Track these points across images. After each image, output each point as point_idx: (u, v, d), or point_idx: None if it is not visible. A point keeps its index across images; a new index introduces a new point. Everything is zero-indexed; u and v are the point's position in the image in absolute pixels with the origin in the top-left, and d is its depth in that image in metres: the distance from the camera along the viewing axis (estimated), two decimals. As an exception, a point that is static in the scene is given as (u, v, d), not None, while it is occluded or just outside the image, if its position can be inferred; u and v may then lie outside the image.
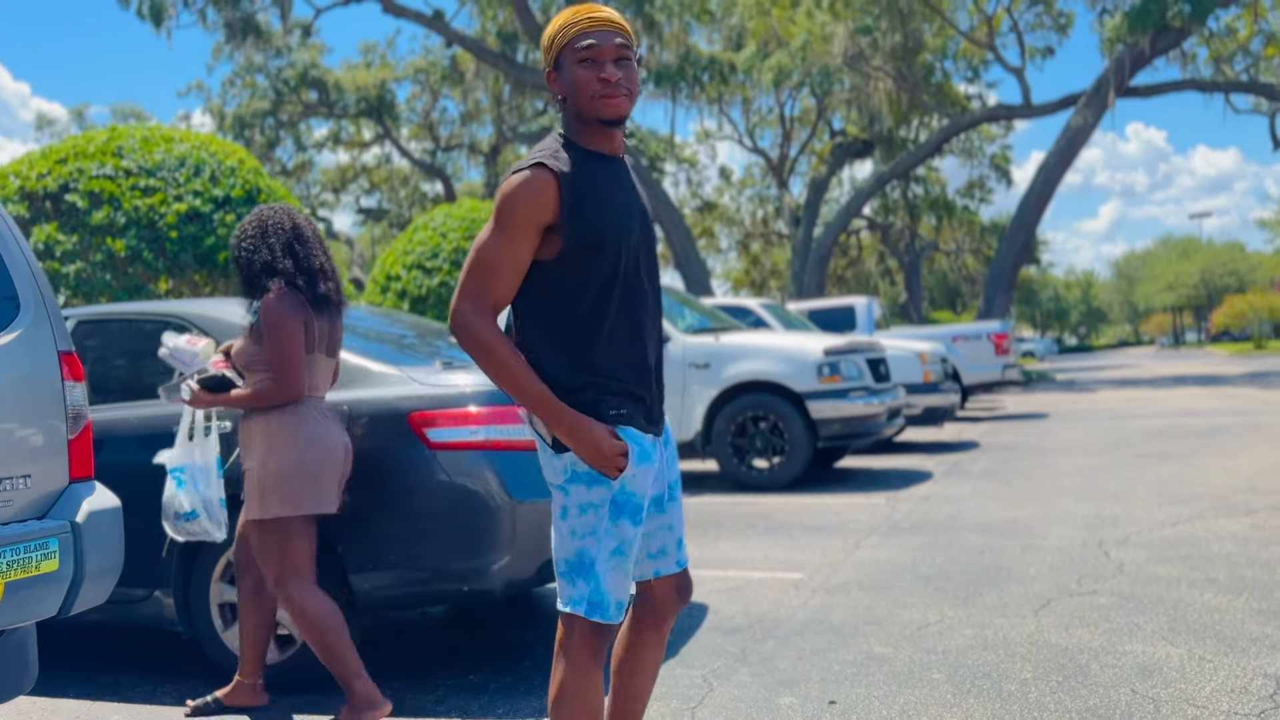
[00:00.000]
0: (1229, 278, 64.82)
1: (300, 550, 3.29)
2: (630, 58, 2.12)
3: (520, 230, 2.07)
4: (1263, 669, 3.32)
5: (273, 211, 3.45)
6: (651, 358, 2.20)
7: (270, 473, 3.24)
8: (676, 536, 2.30)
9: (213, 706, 3.47)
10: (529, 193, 2.05)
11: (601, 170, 2.14)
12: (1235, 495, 6.71)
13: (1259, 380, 21.58)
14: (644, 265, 2.19)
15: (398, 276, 14.87)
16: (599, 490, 2.08)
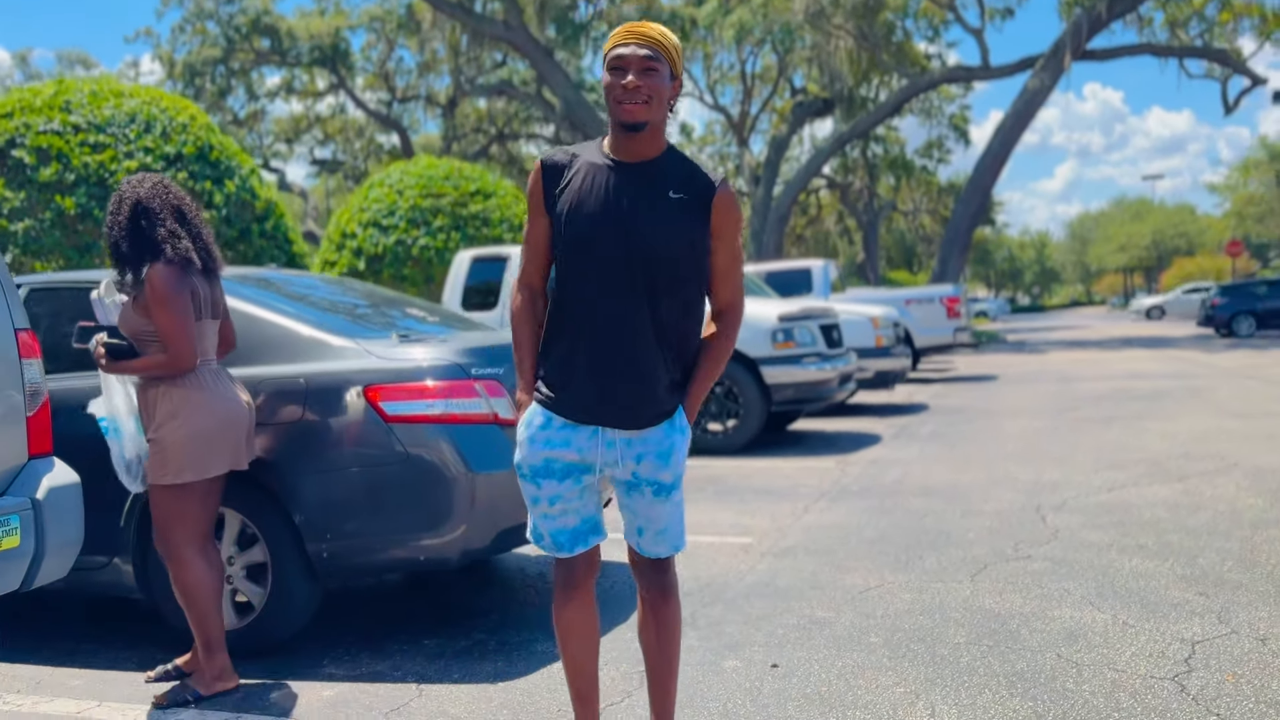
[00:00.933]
0: (1179, 240, 65.99)
1: (204, 514, 3.38)
2: (656, 69, 2.28)
3: (530, 211, 2.46)
4: (1180, 634, 3.51)
5: (146, 186, 3.41)
6: (608, 356, 2.36)
7: (176, 440, 3.28)
8: (636, 525, 2.53)
9: (173, 674, 3.55)
10: (530, 179, 2.45)
11: (600, 174, 2.36)
12: (1170, 461, 6.97)
13: (1202, 343, 22.14)
14: (617, 276, 2.33)
15: (353, 234, 14.75)
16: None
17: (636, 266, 2.32)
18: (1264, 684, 3.04)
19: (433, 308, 5.03)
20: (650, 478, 2.45)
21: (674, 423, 2.45)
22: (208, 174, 9.47)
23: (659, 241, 2.33)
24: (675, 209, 2.35)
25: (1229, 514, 5.28)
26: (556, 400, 2.42)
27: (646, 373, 2.37)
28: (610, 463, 2.44)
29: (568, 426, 2.42)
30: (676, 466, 2.46)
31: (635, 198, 2.33)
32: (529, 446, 2.44)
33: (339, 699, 3.33)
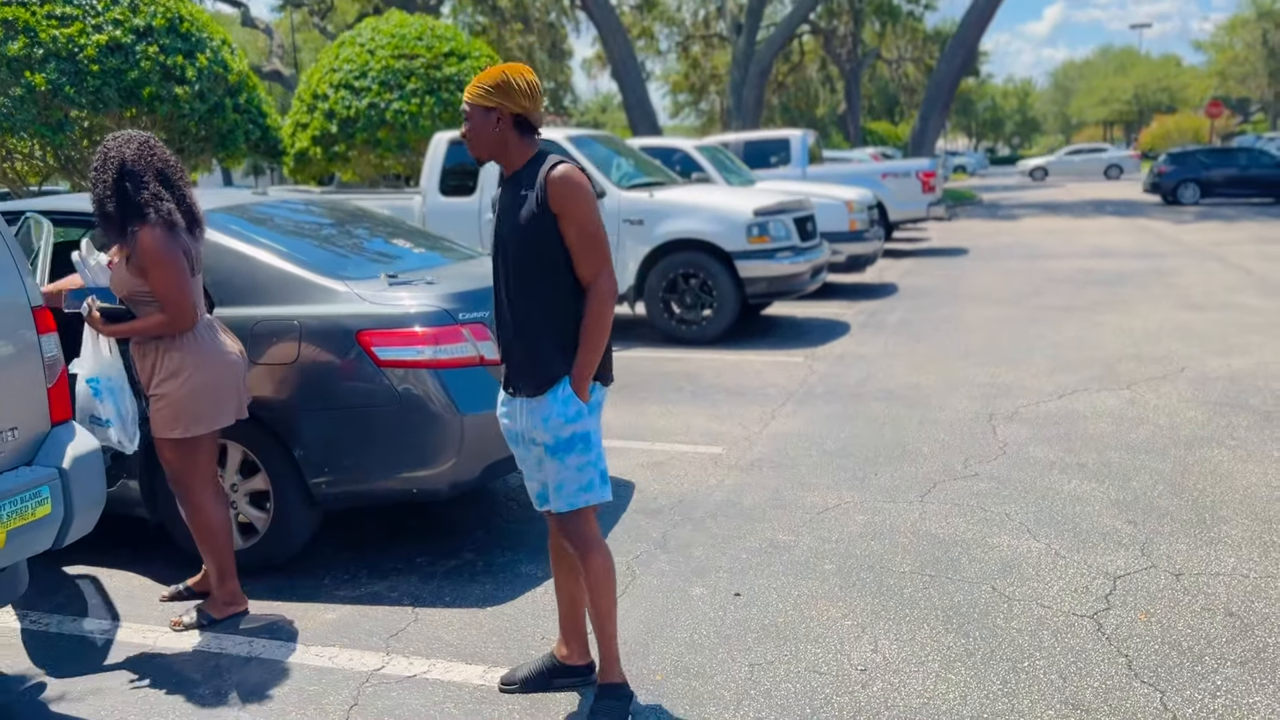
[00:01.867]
0: (1162, 94, 65.23)
1: (211, 460, 3.63)
2: (471, 115, 2.78)
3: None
4: (1104, 567, 3.89)
5: (131, 148, 3.46)
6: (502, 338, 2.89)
7: (182, 396, 3.47)
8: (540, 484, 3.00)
9: (185, 594, 3.87)
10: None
11: (500, 191, 2.90)
12: (1122, 364, 7.31)
13: (1173, 211, 22.36)
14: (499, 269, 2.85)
15: (325, 95, 14.46)
16: None
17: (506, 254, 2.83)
18: (1171, 623, 3.42)
19: (414, 231, 5.16)
20: (534, 439, 2.89)
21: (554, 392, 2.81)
22: (179, 47, 9.25)
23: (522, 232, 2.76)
24: (527, 202, 2.76)
25: (1168, 429, 5.64)
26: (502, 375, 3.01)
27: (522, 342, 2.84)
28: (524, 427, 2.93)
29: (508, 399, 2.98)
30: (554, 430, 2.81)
31: (506, 202, 2.84)
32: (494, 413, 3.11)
33: (341, 622, 3.67)
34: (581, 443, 2.80)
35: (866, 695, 3.04)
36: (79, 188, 9.73)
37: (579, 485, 2.83)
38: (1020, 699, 2.99)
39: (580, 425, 2.80)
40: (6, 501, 2.67)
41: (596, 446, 2.85)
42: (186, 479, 3.57)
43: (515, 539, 4.42)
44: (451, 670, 3.28)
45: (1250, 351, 7.47)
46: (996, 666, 3.17)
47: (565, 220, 2.71)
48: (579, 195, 2.69)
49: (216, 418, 3.53)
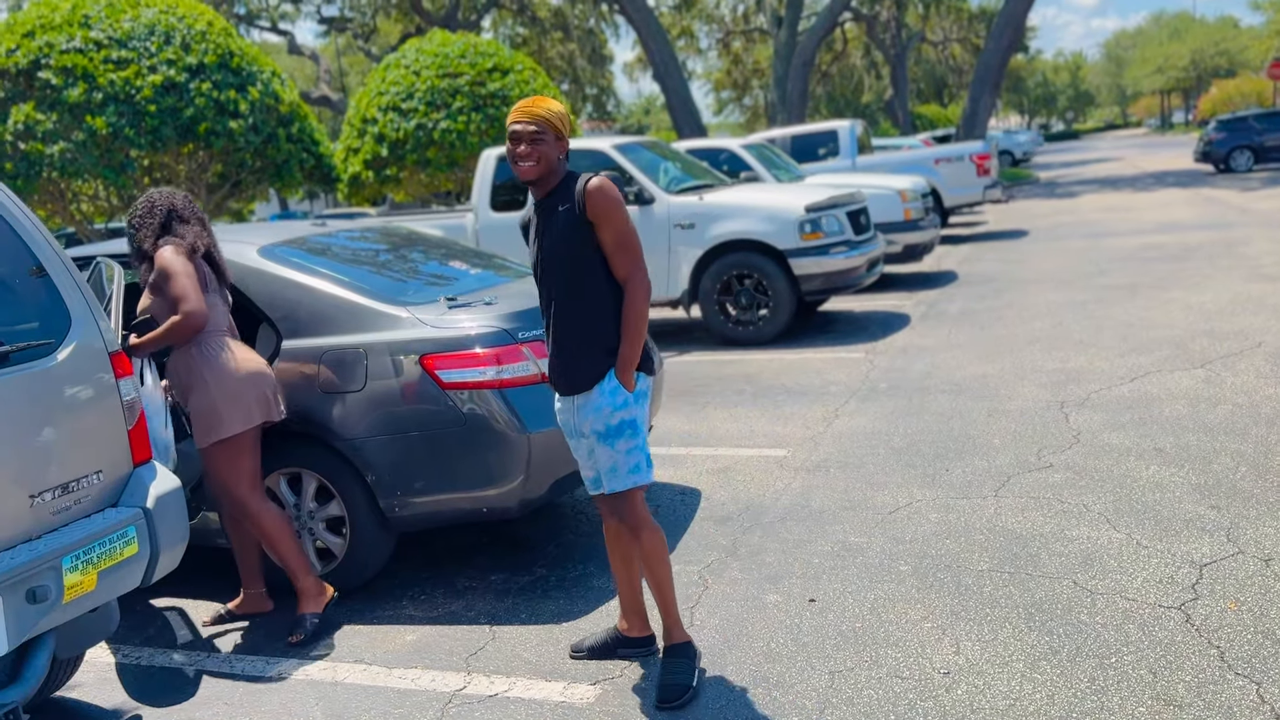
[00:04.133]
0: (1219, 58, 63.38)
1: (254, 463, 3.80)
2: (543, 139, 3.00)
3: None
4: (1189, 555, 3.79)
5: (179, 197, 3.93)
6: (550, 344, 3.18)
7: (212, 401, 3.70)
8: (597, 470, 3.22)
9: (226, 617, 4.00)
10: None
11: (534, 216, 3.20)
12: (1194, 341, 7.12)
13: (1238, 179, 21.74)
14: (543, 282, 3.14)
15: (374, 119, 14.71)
16: None
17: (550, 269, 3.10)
18: (1264, 611, 3.32)
19: (468, 251, 5.21)
20: (591, 429, 3.15)
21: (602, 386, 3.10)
22: (231, 82, 9.48)
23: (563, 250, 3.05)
24: (569, 217, 3.03)
25: (1247, 408, 5.48)
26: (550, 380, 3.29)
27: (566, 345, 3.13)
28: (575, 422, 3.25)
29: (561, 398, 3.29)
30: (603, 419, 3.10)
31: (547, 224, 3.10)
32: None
33: (421, 643, 3.72)
34: (629, 428, 3.09)
35: (951, 699, 2.99)
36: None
37: (629, 468, 3.11)
38: (1110, 696, 2.92)
39: (627, 413, 3.09)
40: (96, 544, 2.75)
41: (643, 432, 3.15)
42: (235, 488, 3.75)
43: (586, 553, 4.44)
44: (532, 688, 3.31)
45: (1330, 321, 7.23)
46: (1083, 664, 3.11)
47: (602, 226, 3.01)
48: (613, 203, 3.00)
49: (248, 415, 3.73)
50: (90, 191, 9.42)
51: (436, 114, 14.10)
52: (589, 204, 2.99)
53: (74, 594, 2.71)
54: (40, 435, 2.72)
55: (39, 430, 2.72)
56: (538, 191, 3.10)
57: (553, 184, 3.08)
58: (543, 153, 3.00)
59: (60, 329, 2.86)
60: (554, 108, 3.02)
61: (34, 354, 2.78)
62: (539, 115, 2.99)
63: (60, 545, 2.68)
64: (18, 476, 2.66)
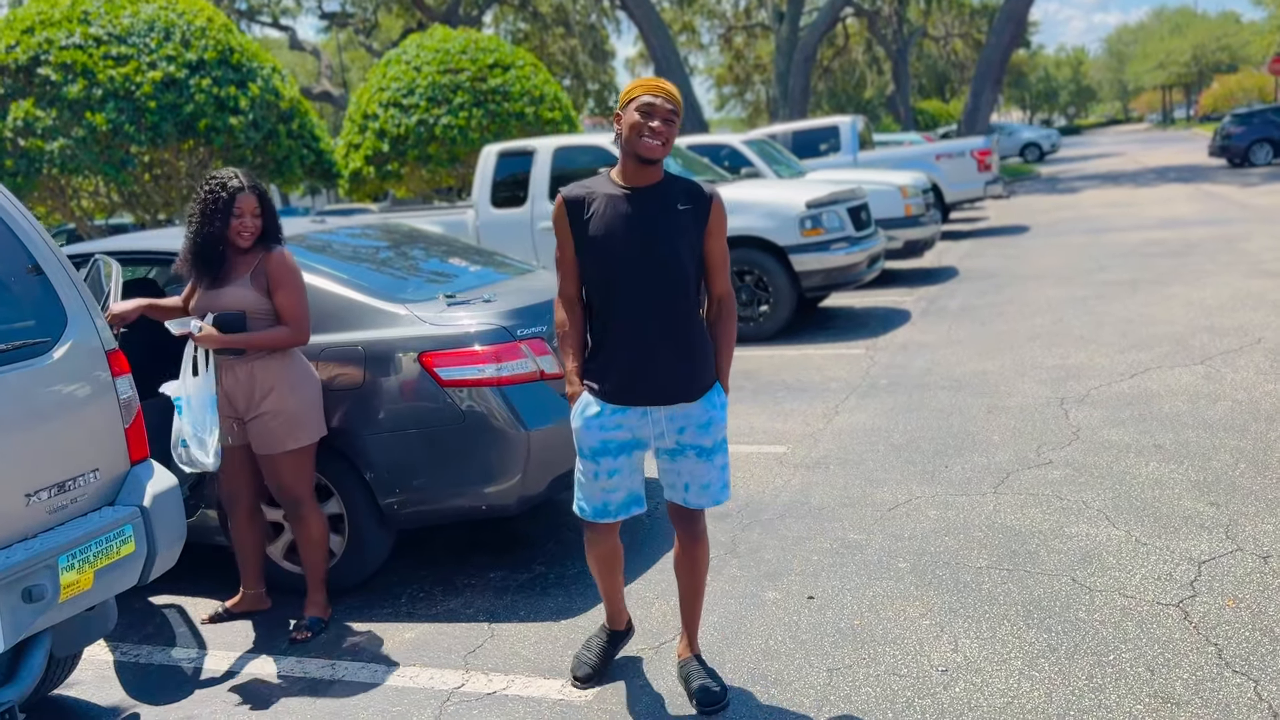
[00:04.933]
0: (1221, 54, 63.24)
1: (314, 472, 3.85)
2: (675, 121, 2.81)
3: (559, 239, 2.96)
4: (1188, 552, 3.79)
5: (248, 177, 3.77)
6: (643, 350, 2.87)
7: (299, 406, 3.71)
8: (683, 482, 3.01)
9: (224, 615, 4.02)
10: (555, 213, 2.96)
11: (616, 200, 2.87)
12: (1194, 337, 7.11)
13: (1239, 174, 21.71)
14: (645, 280, 2.84)
15: (374, 115, 14.70)
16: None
17: (658, 272, 2.84)
18: (1262, 608, 3.32)
19: (468, 248, 5.21)
20: (693, 444, 2.95)
21: (710, 399, 2.95)
22: (231, 78, 9.48)
23: (681, 247, 2.85)
24: (684, 218, 2.87)
25: (1247, 404, 5.48)
26: (602, 390, 2.92)
27: (677, 354, 2.88)
28: (658, 435, 2.95)
29: (617, 411, 2.92)
30: (716, 434, 2.96)
31: (655, 213, 2.86)
32: (587, 431, 2.94)
33: (420, 641, 3.72)
34: (725, 442, 3.04)
35: (949, 696, 2.99)
36: (143, 221, 9.99)
37: (723, 482, 3.04)
38: (1107, 694, 2.92)
39: (726, 428, 3.05)
40: (93, 542, 2.75)
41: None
42: (301, 492, 3.78)
43: (584, 551, 4.43)
44: (530, 685, 3.31)
45: (1331, 318, 7.21)
46: (1081, 661, 3.11)
47: (714, 238, 2.93)
48: (726, 218, 2.98)
49: (322, 426, 3.82)
50: (90, 188, 9.43)
51: (438, 110, 14.09)
52: (714, 213, 2.90)
53: (70, 593, 2.71)
54: (36, 433, 2.72)
55: (35, 429, 2.72)
56: (645, 175, 2.88)
57: (659, 173, 2.90)
58: (672, 136, 2.83)
59: (56, 327, 2.86)
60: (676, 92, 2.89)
61: (30, 352, 2.77)
62: (676, 97, 2.83)
63: (56, 544, 2.68)
64: (13, 475, 2.66)
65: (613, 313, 2.88)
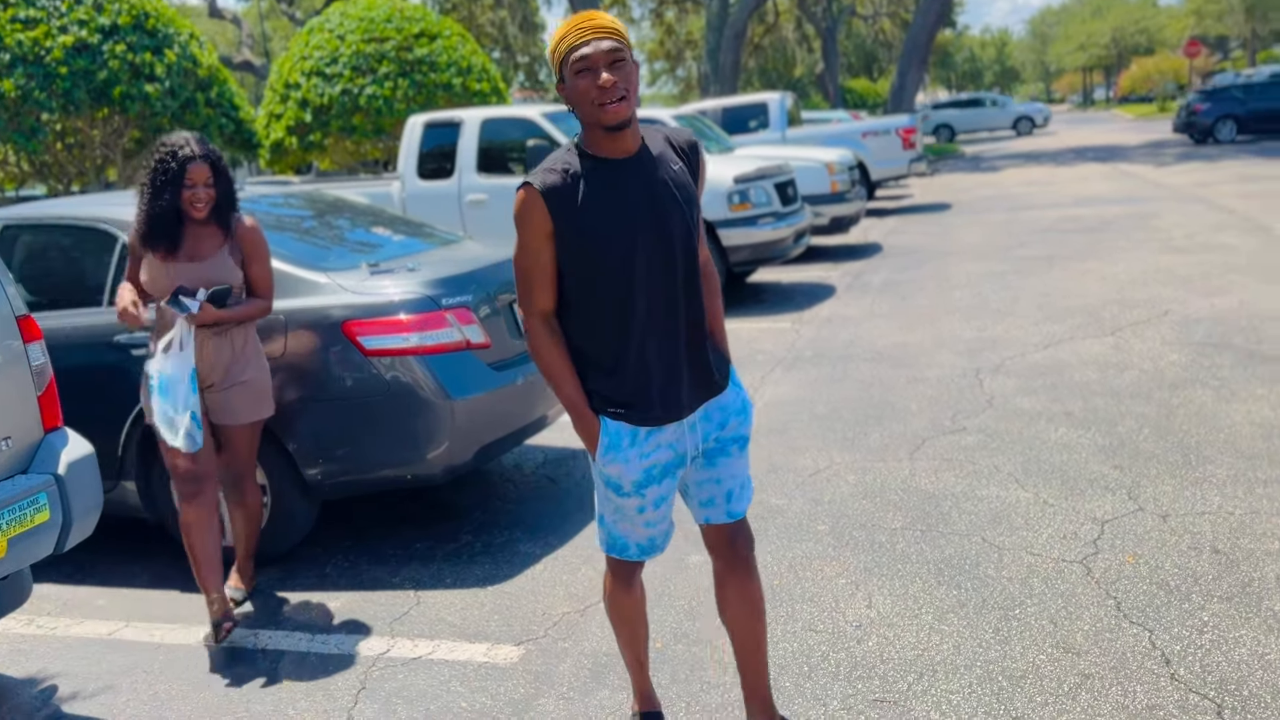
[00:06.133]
0: (1139, 36, 65.00)
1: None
2: (624, 59, 2.18)
3: (528, 242, 2.27)
4: (1092, 513, 3.95)
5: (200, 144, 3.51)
6: (669, 348, 2.32)
7: (265, 378, 3.70)
8: (726, 489, 2.48)
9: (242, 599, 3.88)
10: (522, 210, 2.25)
11: (603, 177, 2.26)
12: (1105, 309, 7.36)
13: (1154, 154, 22.39)
14: (663, 271, 2.29)
15: (297, 84, 14.40)
16: (595, 467, 2.43)
17: (674, 248, 2.30)
18: (1159, 564, 3.49)
19: (395, 219, 5.17)
20: (736, 435, 2.49)
21: (734, 379, 2.52)
22: (146, 44, 9.21)
23: (690, 214, 2.33)
24: (683, 177, 2.35)
25: (1153, 373, 5.70)
26: (633, 412, 2.34)
27: (702, 342, 2.39)
28: (692, 446, 2.43)
29: (654, 431, 2.36)
30: (751, 418, 2.53)
31: (653, 183, 2.29)
32: (628, 465, 2.36)
33: (345, 609, 3.72)
34: None
35: (862, 650, 3.10)
36: (54, 191, 9.66)
37: (748, 476, 2.59)
38: (1012, 645, 3.05)
39: None
40: (5, 510, 2.71)
41: None
42: (250, 465, 3.74)
43: (512, 519, 4.47)
44: (456, 650, 3.34)
45: (1232, 291, 7.52)
46: (988, 615, 3.24)
47: (699, 193, 2.42)
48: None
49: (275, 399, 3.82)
50: (0, 157, 9.10)
51: (362, 79, 13.86)
52: (701, 167, 2.42)
53: (-18, 562, 2.66)
54: (-56, 401, 2.66)
55: (-57, 396, 2.66)
56: (623, 141, 2.27)
57: (637, 133, 2.32)
58: (631, 80, 2.19)
59: (-37, 293, 2.79)
60: (612, 20, 2.22)
61: (-64, 318, 2.70)
62: (614, 28, 2.19)
63: (-33, 512, 2.63)
64: (-79, 443, 2.60)
65: (629, 319, 2.29)
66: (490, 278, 4.31)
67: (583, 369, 2.37)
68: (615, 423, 2.35)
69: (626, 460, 2.36)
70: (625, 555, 2.52)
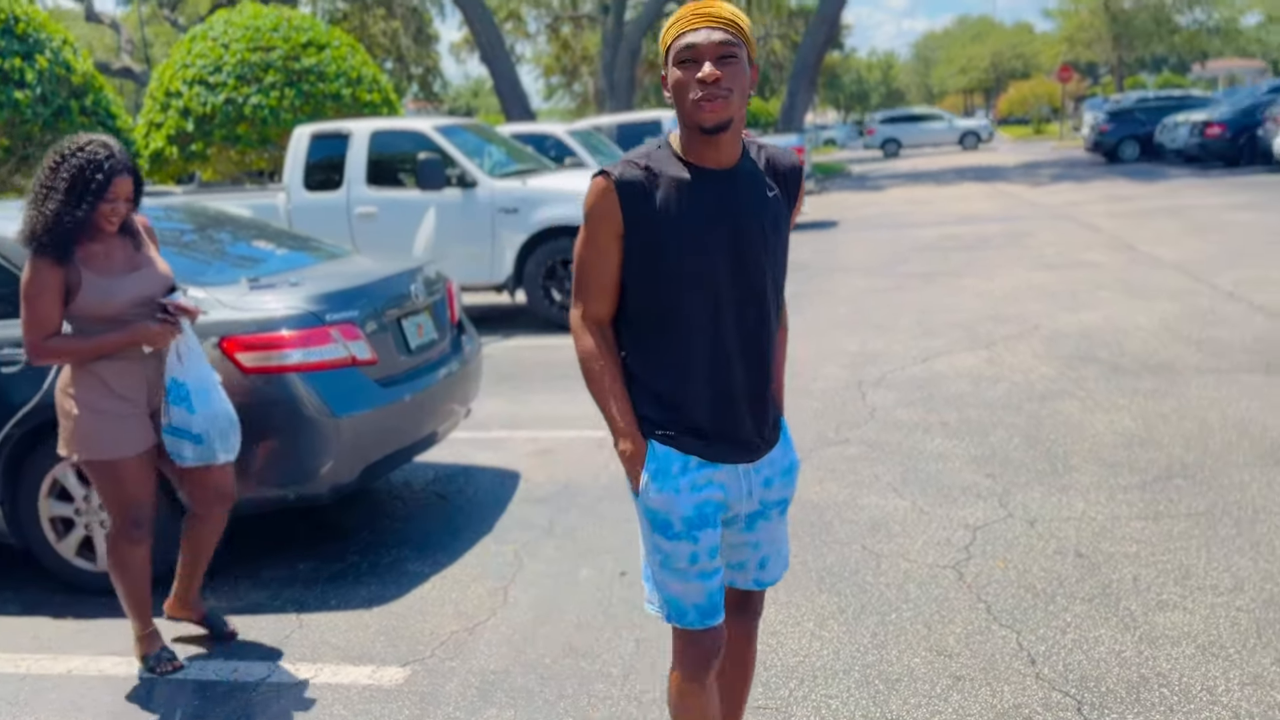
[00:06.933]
0: (1016, 61, 67.95)
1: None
2: (736, 55, 1.93)
3: (595, 238, 2.03)
4: (965, 520, 4.12)
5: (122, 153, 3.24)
6: (731, 382, 2.08)
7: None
8: (760, 556, 2.24)
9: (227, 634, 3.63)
10: (593, 200, 2.00)
11: (688, 185, 2.00)
12: (981, 324, 7.67)
13: (1030, 174, 23.40)
14: (739, 299, 2.05)
15: (178, 93, 13.95)
16: (639, 505, 2.13)
17: (751, 283, 2.06)
18: (1027, 568, 3.66)
19: (280, 232, 5.06)
20: (779, 498, 2.23)
21: (785, 434, 2.25)
22: (16, 49, 8.82)
23: (775, 246, 2.09)
24: (776, 207, 2.09)
25: (1024, 385, 5.97)
26: (672, 434, 2.08)
27: (763, 391, 2.13)
28: (745, 496, 2.16)
29: (706, 465, 2.10)
30: (796, 480, 2.28)
31: (742, 205, 2.03)
32: (677, 496, 2.07)
33: (225, 634, 3.62)
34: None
35: (746, 660, 3.16)
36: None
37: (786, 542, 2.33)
38: (889, 649, 3.16)
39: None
40: None
41: None
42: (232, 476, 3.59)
43: (400, 537, 4.42)
44: (339, 673, 3.28)
45: (1098, 307, 7.92)
46: (866, 620, 3.34)
47: (794, 218, 2.18)
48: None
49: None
50: None
51: (247, 89, 13.51)
52: (800, 188, 2.17)
53: None
54: None
55: None
56: (722, 149, 2.00)
57: (739, 141, 2.05)
58: (739, 81, 1.94)
59: None
60: (741, 14, 1.97)
61: None
62: (732, 18, 1.94)
63: None
64: None
65: (690, 353, 2.05)
66: (378, 292, 4.26)
67: (635, 393, 2.11)
68: (664, 446, 2.08)
69: (676, 490, 2.06)
70: (682, 621, 2.12)
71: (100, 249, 3.20)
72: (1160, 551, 3.68)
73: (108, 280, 3.17)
